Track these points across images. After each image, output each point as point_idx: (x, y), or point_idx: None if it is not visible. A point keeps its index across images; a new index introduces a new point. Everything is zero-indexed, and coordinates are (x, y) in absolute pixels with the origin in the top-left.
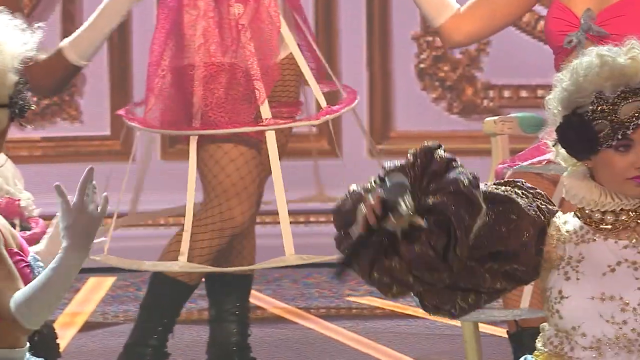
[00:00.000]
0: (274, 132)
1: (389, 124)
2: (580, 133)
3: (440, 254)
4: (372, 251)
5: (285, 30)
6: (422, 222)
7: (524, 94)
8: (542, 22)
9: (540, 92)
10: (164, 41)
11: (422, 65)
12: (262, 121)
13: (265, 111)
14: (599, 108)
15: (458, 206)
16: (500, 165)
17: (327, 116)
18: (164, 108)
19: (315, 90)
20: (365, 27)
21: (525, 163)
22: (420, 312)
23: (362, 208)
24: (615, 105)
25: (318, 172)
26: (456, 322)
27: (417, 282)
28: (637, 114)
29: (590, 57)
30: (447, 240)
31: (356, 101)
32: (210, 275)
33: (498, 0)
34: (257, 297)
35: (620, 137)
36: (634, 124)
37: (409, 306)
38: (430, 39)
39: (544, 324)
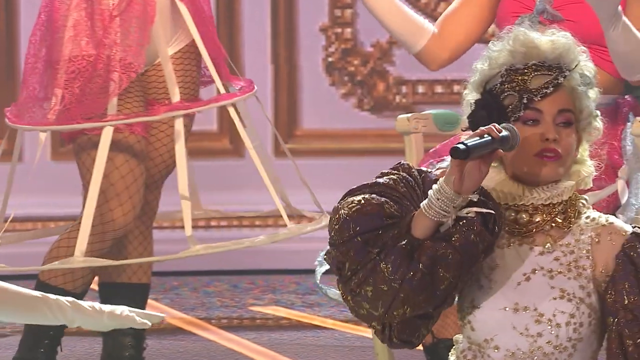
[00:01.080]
0: (111, 128)
1: (295, 121)
2: (490, 109)
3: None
4: (399, 255)
5: (188, 21)
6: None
7: (439, 89)
8: (442, 4)
9: (456, 88)
10: (41, 34)
11: (330, 59)
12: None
13: (112, 106)
14: (508, 79)
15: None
16: (425, 164)
17: (206, 106)
18: (33, 104)
19: (216, 80)
20: (269, 18)
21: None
22: (328, 322)
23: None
24: (525, 76)
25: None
26: (367, 334)
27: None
28: (546, 85)
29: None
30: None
31: (250, 93)
32: (104, 284)
33: (472, 11)
34: (154, 307)
35: (526, 102)
36: (542, 93)
37: (316, 316)
38: (339, 30)
39: (458, 335)
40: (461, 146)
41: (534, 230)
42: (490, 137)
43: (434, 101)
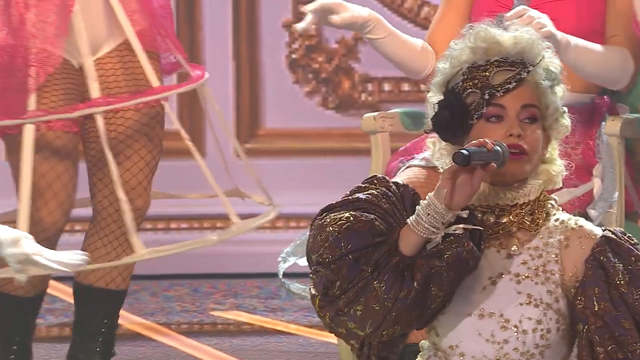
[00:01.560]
0: (33, 126)
1: (258, 120)
2: (453, 108)
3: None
4: (391, 271)
5: (119, 13)
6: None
7: (405, 87)
8: (425, 9)
9: (423, 86)
10: None
11: (294, 56)
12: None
13: (31, 103)
14: (470, 76)
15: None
16: (393, 163)
17: (131, 102)
18: None
19: (148, 72)
20: (231, 13)
21: (419, 155)
22: (291, 328)
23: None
24: (487, 72)
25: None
26: (332, 339)
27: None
28: (509, 80)
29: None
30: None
31: (197, 83)
32: (78, 288)
33: (457, 20)
34: None
35: (488, 98)
36: (504, 89)
37: (279, 321)
38: None
39: (424, 341)
40: (464, 152)
41: (501, 232)
42: (485, 149)
43: (401, 99)
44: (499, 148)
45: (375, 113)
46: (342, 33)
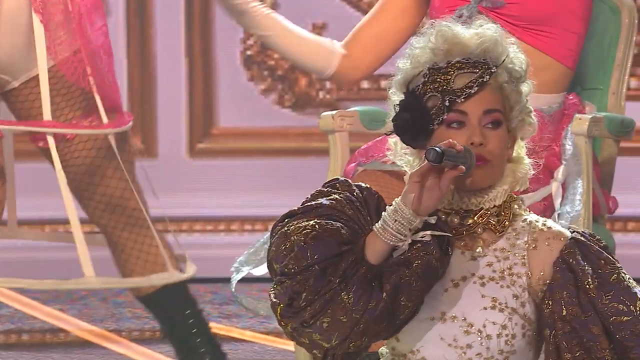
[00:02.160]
0: None
1: (211, 119)
2: (413, 112)
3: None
4: (359, 282)
5: (37, 36)
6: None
7: (365, 84)
8: None
9: (383, 83)
10: None
11: (249, 52)
12: None
13: None
14: (431, 79)
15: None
16: (352, 164)
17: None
18: None
19: (44, 103)
20: (183, 7)
21: (378, 158)
22: (246, 335)
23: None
24: (448, 75)
25: None
26: (289, 347)
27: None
28: (470, 84)
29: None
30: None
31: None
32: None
33: (383, 25)
34: (60, 318)
35: (449, 104)
36: (465, 94)
37: (234, 328)
38: None
39: (383, 348)
40: (437, 148)
41: (465, 233)
42: (455, 150)
43: (360, 97)
44: (466, 152)
45: (334, 111)
46: None
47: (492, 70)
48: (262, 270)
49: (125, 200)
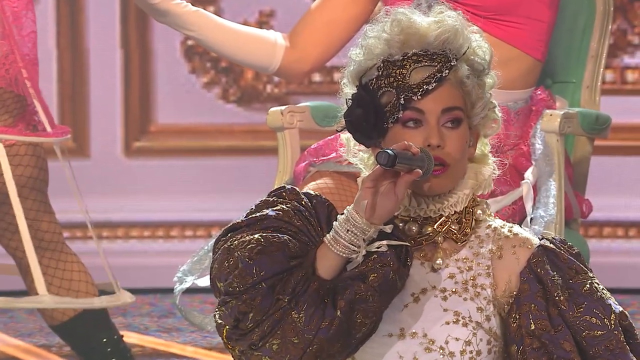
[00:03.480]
0: None
1: (149, 115)
2: (367, 108)
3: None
4: (312, 300)
5: None
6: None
7: (316, 77)
8: None
9: (336, 76)
10: None
11: (189, 42)
12: None
13: None
14: (385, 72)
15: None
16: (302, 163)
17: None
18: None
19: None
20: None
21: (332, 158)
22: (188, 350)
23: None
24: (404, 69)
25: None
26: None
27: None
28: (427, 80)
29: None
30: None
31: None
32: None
33: (332, 13)
34: None
35: (404, 102)
36: (422, 90)
37: (174, 343)
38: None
39: None
40: (389, 151)
41: (424, 242)
42: (410, 153)
43: (312, 91)
44: (422, 154)
45: (283, 107)
46: (245, 16)
47: (452, 64)
48: (206, 280)
49: (37, 222)
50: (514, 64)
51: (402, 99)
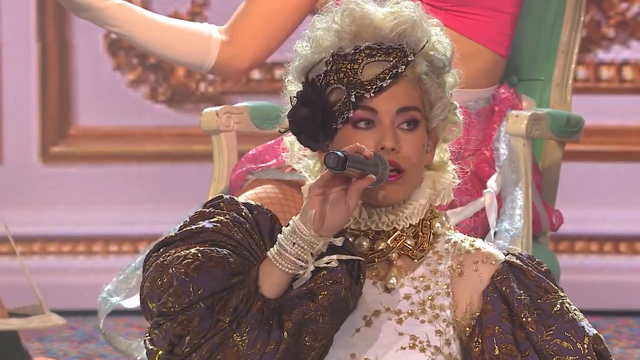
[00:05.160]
0: None
1: (68, 117)
2: (313, 106)
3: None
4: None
5: None
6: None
7: (255, 75)
8: None
9: (278, 73)
10: None
11: (114, 36)
12: None
13: None
14: (335, 68)
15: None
16: (239, 170)
17: None
18: None
19: None
20: None
21: (272, 165)
22: None
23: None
24: (356, 64)
25: None
26: None
27: None
28: (382, 76)
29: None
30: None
31: None
32: None
33: (273, 3)
34: None
35: (355, 99)
36: (376, 87)
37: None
38: None
39: None
40: (339, 153)
41: (377, 260)
42: (362, 156)
43: (250, 90)
44: (376, 159)
45: (218, 108)
46: (176, 7)
47: (409, 59)
48: (135, 301)
49: None
50: (475, 60)
51: (353, 96)
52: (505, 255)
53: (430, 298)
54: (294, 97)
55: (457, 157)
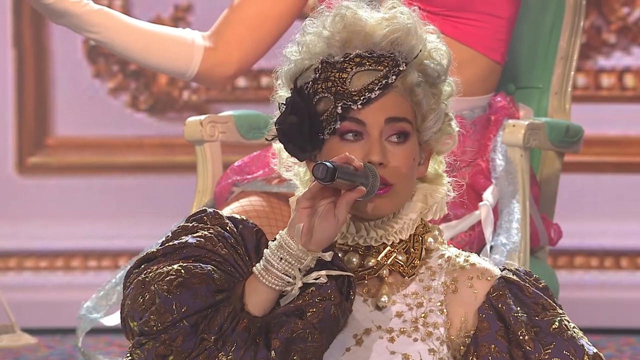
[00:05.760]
0: None
1: (46, 127)
2: (301, 115)
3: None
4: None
5: None
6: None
7: (241, 83)
8: None
9: (265, 81)
10: None
11: (93, 42)
12: None
13: None
14: (323, 76)
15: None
16: (224, 182)
17: None
18: None
19: None
20: None
21: (259, 176)
22: None
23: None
24: (345, 73)
25: None
26: None
27: None
28: (370, 87)
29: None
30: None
31: None
32: None
33: (259, 7)
34: None
35: (342, 111)
36: (364, 98)
37: None
38: (105, 3)
39: None
40: (328, 163)
41: (367, 277)
42: (352, 167)
43: (235, 99)
44: (366, 170)
45: (202, 117)
46: (158, 11)
47: (401, 69)
48: (115, 319)
49: None
50: (470, 67)
51: (340, 107)
52: (502, 271)
53: (423, 315)
54: (282, 103)
55: (451, 170)
